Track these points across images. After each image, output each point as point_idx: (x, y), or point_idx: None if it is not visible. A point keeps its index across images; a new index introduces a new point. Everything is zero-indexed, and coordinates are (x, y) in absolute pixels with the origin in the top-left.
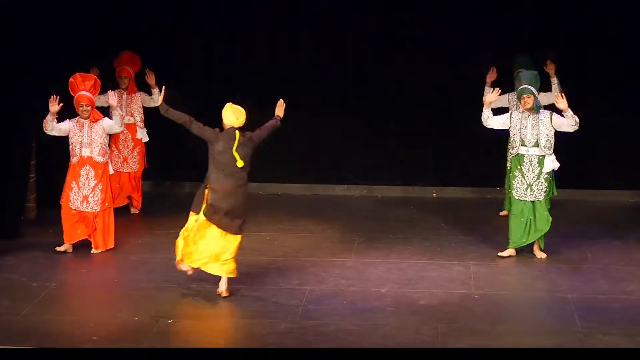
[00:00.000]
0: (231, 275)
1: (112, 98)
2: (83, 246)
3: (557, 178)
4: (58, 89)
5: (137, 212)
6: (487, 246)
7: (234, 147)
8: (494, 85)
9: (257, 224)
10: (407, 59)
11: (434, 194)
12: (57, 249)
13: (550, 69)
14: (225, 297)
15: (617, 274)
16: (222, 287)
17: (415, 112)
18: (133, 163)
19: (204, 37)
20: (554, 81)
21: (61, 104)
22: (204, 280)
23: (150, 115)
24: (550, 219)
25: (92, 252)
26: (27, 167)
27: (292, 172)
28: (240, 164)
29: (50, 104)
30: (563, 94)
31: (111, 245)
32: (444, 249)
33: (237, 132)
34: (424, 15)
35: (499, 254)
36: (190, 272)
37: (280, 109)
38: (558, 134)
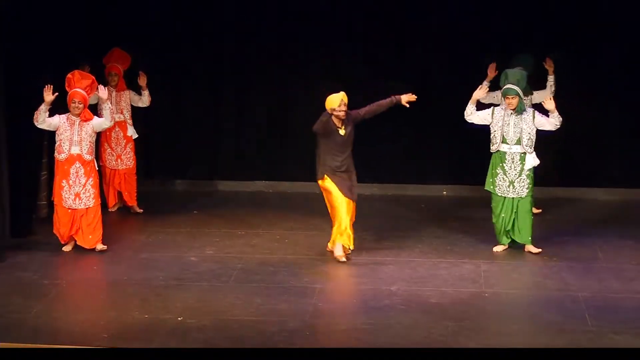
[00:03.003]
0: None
1: (102, 92)
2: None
3: (571, 176)
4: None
5: (137, 209)
6: (497, 245)
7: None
8: (492, 81)
9: (268, 222)
10: (418, 58)
11: (445, 193)
12: (64, 249)
13: (549, 66)
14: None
15: (628, 273)
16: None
17: (426, 111)
18: (127, 160)
19: (200, 37)
20: (550, 79)
21: (56, 94)
22: (215, 278)
23: (150, 113)
24: (532, 216)
25: (97, 249)
26: (38, 165)
27: (302, 170)
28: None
29: (45, 93)
30: (552, 97)
31: (99, 241)
32: (454, 248)
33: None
34: (432, 12)
35: (494, 248)
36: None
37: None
38: (571, 134)
